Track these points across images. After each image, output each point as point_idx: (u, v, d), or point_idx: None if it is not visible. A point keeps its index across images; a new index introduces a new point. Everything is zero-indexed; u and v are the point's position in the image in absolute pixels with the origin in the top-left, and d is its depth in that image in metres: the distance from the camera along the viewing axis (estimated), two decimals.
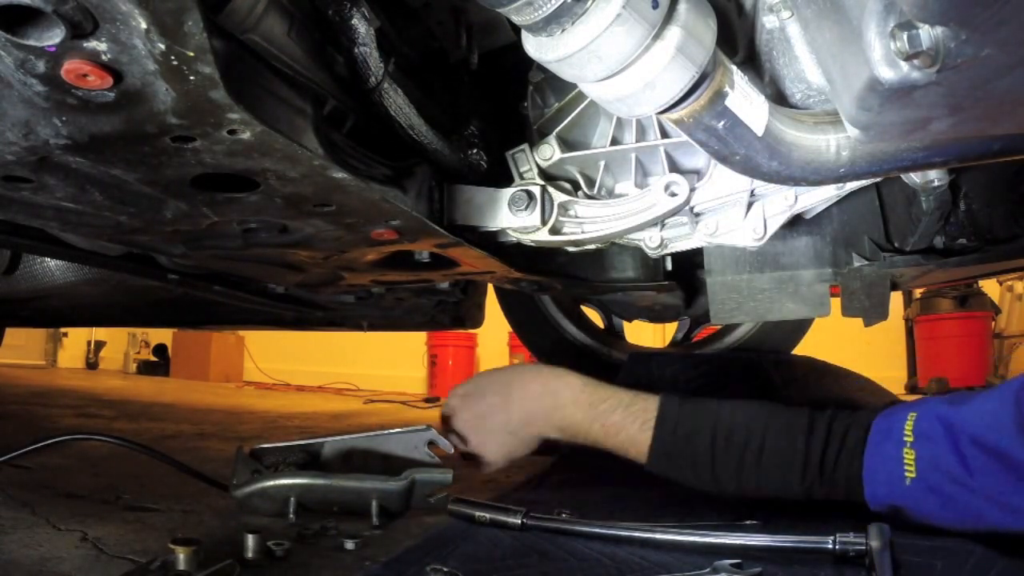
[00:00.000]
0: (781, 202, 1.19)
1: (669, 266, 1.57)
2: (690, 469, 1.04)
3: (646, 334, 3.66)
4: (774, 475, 0.99)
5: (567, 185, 1.22)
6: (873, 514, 0.92)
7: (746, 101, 0.76)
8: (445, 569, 0.78)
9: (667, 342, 2.51)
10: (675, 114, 0.75)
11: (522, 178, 1.21)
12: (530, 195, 1.18)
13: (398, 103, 0.95)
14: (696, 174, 1.17)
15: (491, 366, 5.71)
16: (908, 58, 0.55)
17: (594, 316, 2.44)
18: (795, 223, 1.33)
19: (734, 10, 0.93)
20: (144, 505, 1.19)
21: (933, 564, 0.77)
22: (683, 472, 1.05)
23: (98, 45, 0.54)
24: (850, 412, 1.01)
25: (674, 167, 1.16)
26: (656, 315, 2.16)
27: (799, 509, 1.02)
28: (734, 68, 0.77)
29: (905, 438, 0.88)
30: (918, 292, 5.07)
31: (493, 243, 1.27)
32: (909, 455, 0.87)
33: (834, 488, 0.96)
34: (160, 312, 2.24)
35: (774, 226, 1.19)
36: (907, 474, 0.87)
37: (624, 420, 1.08)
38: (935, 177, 1.12)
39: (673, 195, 1.13)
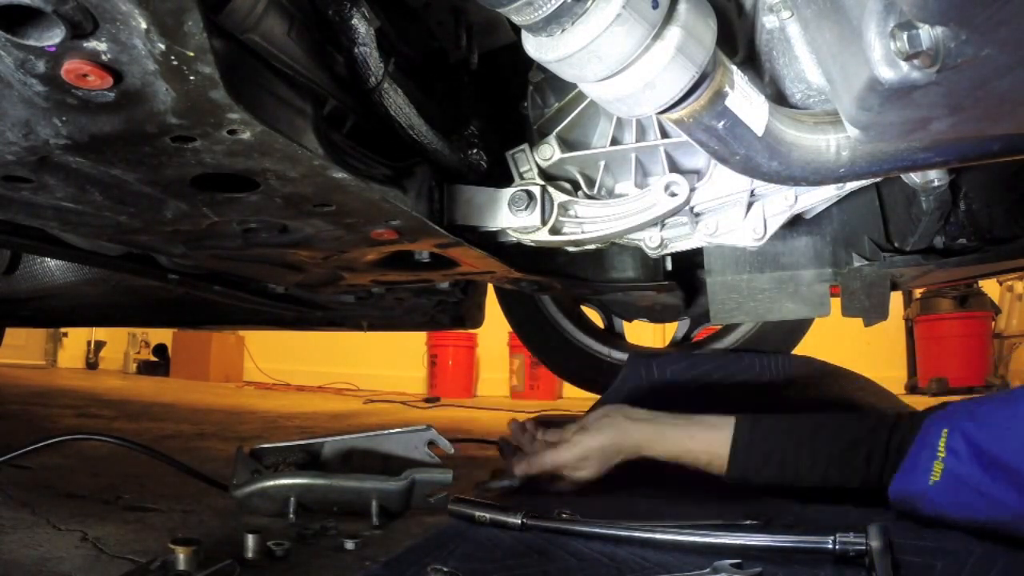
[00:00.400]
0: (781, 202, 1.19)
1: (669, 266, 1.57)
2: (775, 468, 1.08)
3: (646, 334, 3.66)
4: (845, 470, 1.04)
5: (567, 185, 1.22)
6: (879, 505, 0.95)
7: (746, 101, 0.76)
8: (445, 569, 0.78)
9: (667, 342, 2.50)
10: (675, 114, 0.75)
11: (522, 178, 1.21)
12: (530, 195, 1.18)
13: (398, 103, 0.95)
14: (696, 174, 1.17)
15: (491, 366, 5.68)
16: (908, 58, 0.55)
17: (594, 316, 2.44)
18: (795, 223, 1.33)
19: (734, 10, 0.93)
20: (144, 505, 1.19)
21: (933, 564, 0.77)
22: (765, 472, 1.09)
23: (98, 45, 0.54)
24: (910, 415, 1.06)
25: (674, 167, 1.16)
26: (656, 315, 2.16)
27: (799, 509, 1.02)
28: (734, 68, 0.77)
29: (939, 452, 0.92)
30: (918, 292, 5.07)
31: (493, 243, 1.27)
32: (938, 467, 0.91)
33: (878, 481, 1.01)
34: (160, 312, 2.24)
35: (774, 226, 1.20)
36: (932, 478, 0.91)
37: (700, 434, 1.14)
38: (935, 177, 1.12)
39: (673, 195, 1.13)
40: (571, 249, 1.31)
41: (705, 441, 1.12)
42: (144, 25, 0.52)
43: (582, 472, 1.17)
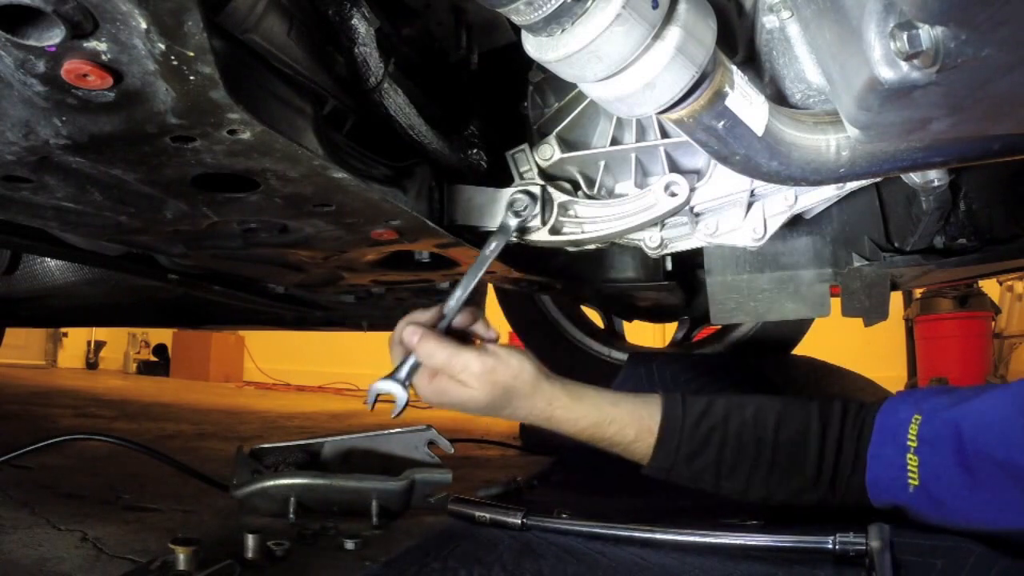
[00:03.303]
0: (781, 202, 1.19)
1: (669, 266, 1.57)
2: (693, 480, 0.99)
3: (646, 334, 3.66)
4: (783, 486, 0.96)
5: (567, 185, 1.22)
6: (875, 511, 0.93)
7: (746, 101, 0.76)
8: (445, 569, 0.78)
9: (667, 342, 2.51)
10: (675, 114, 0.75)
11: (522, 178, 1.21)
12: (530, 195, 1.18)
13: (398, 103, 0.95)
14: (696, 174, 1.17)
15: None
16: (908, 58, 0.55)
17: (594, 316, 2.44)
18: (795, 223, 1.33)
19: (734, 10, 0.93)
20: (144, 505, 1.19)
21: (933, 564, 0.77)
22: (685, 481, 0.99)
23: (98, 45, 0.54)
24: (857, 408, 0.97)
25: (674, 167, 1.16)
26: (656, 315, 2.16)
27: (799, 509, 1.02)
28: (734, 68, 0.77)
29: (909, 443, 0.87)
30: (918, 292, 5.07)
31: None
32: (912, 461, 0.86)
33: (845, 493, 0.94)
34: (160, 312, 2.24)
35: (774, 226, 1.19)
36: (910, 481, 0.86)
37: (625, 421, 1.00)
38: (935, 177, 1.12)
39: (673, 195, 1.13)
40: (571, 249, 1.31)
41: (633, 411, 0.98)
42: (144, 25, 0.52)
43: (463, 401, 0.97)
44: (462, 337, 1.02)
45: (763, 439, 0.96)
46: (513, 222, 1.15)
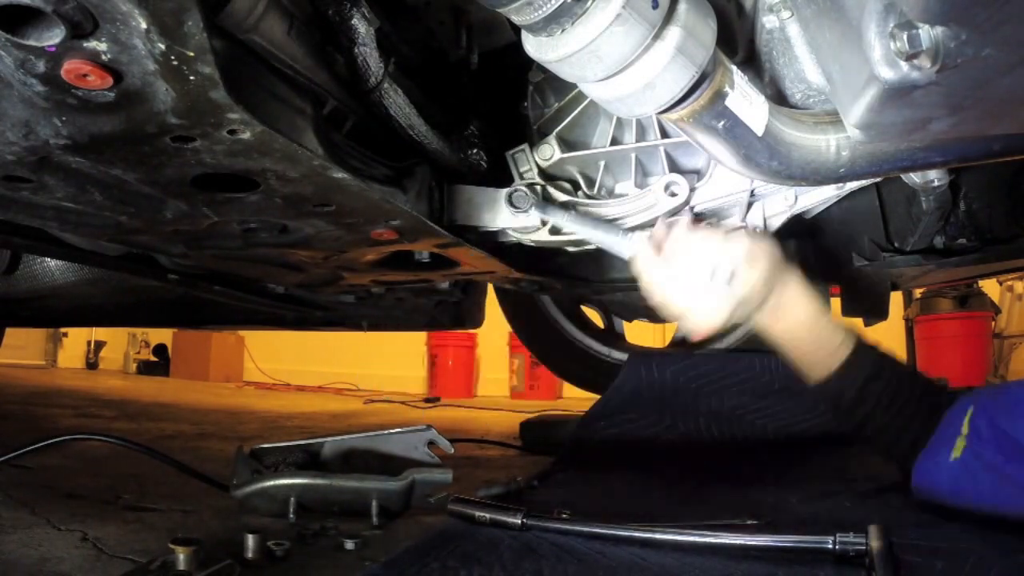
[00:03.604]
0: (781, 202, 1.19)
1: None
2: (851, 409, 1.02)
3: (646, 334, 3.66)
4: (913, 451, 0.99)
5: (567, 185, 1.22)
6: (880, 510, 0.96)
7: (746, 101, 0.76)
8: (445, 569, 0.78)
9: (667, 342, 2.50)
10: (675, 114, 0.75)
11: (522, 178, 1.21)
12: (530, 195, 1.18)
13: (398, 103, 0.95)
14: (696, 174, 1.17)
15: (491, 366, 5.64)
16: (908, 58, 0.55)
17: (594, 316, 2.44)
18: (795, 223, 1.33)
19: (734, 10, 0.93)
20: (144, 505, 1.19)
21: (933, 564, 0.77)
22: (847, 405, 1.03)
23: (98, 45, 0.54)
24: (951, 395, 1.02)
25: (674, 167, 1.16)
26: (656, 315, 2.16)
27: (798, 509, 1.02)
28: (734, 68, 0.77)
29: (962, 429, 0.91)
30: (918, 292, 5.07)
31: (493, 243, 1.27)
32: (960, 443, 0.90)
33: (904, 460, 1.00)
34: (160, 312, 2.24)
35: (774, 226, 1.20)
36: (953, 455, 0.90)
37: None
38: (935, 177, 1.12)
39: (673, 195, 1.13)
40: (571, 249, 1.31)
41: (838, 325, 1.01)
42: (144, 25, 0.52)
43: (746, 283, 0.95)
44: None
45: (911, 394, 1.01)
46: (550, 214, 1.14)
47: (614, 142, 1.16)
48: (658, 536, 0.88)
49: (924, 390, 1.03)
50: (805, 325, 1.01)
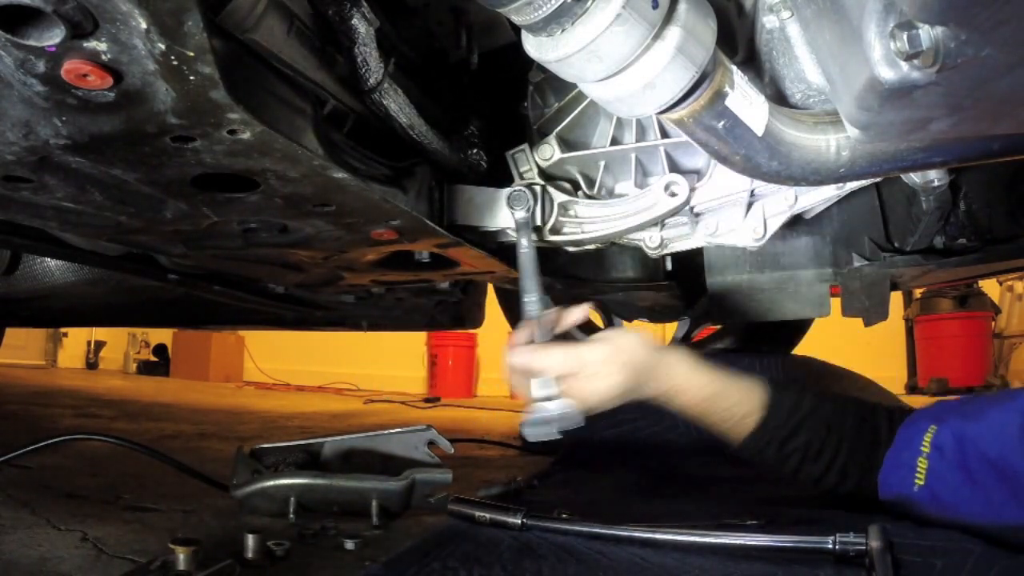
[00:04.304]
0: (781, 202, 1.19)
1: (669, 266, 1.57)
2: (779, 462, 1.01)
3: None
4: (851, 477, 0.99)
5: (567, 185, 1.22)
6: (878, 509, 0.95)
7: (746, 101, 0.76)
8: (445, 569, 0.78)
9: (667, 342, 2.50)
10: (675, 114, 0.75)
11: (522, 178, 1.21)
12: (530, 195, 1.18)
13: (398, 103, 0.95)
14: (696, 174, 1.17)
15: (491, 366, 5.62)
16: (908, 58, 0.55)
17: (594, 316, 2.43)
18: (795, 223, 1.33)
19: (734, 10, 0.93)
20: (144, 505, 1.19)
21: (933, 564, 0.77)
22: (770, 461, 1.02)
23: (98, 45, 0.54)
24: (900, 415, 1.01)
25: (674, 167, 1.16)
26: (656, 315, 2.16)
27: (799, 509, 1.02)
28: (734, 68, 0.77)
29: (922, 448, 0.91)
30: (918, 292, 5.07)
31: (493, 243, 1.27)
32: (922, 464, 0.90)
33: (860, 488, 0.99)
34: (160, 312, 2.24)
35: (774, 226, 1.20)
36: (916, 481, 0.90)
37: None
38: (935, 177, 1.12)
39: (673, 195, 1.13)
40: (571, 249, 1.31)
41: (744, 389, 0.99)
42: (144, 25, 0.52)
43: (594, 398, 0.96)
44: (565, 339, 1.04)
45: (842, 433, 0.99)
46: (522, 215, 1.14)
47: (614, 142, 1.16)
48: (658, 536, 0.88)
49: (857, 419, 1.01)
50: (707, 400, 1.00)
